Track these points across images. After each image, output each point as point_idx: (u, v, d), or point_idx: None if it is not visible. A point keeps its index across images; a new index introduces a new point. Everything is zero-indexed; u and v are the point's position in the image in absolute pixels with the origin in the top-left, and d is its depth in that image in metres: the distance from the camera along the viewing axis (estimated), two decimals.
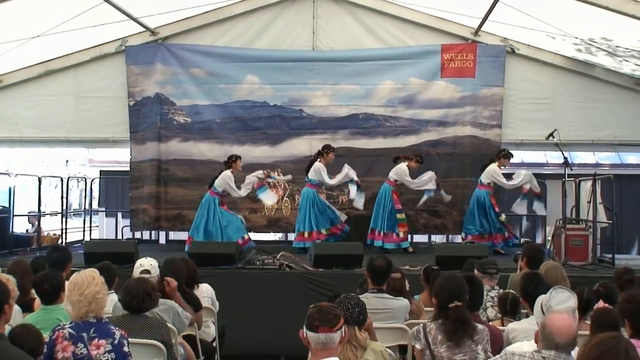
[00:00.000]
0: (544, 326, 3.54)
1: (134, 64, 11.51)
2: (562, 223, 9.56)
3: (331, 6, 11.48)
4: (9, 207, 10.64)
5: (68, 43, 10.89)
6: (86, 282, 4.01)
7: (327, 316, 3.29)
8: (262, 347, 8.11)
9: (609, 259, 9.27)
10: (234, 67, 11.51)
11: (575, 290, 4.55)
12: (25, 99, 11.72)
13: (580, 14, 8.78)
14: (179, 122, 11.62)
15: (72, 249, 8.30)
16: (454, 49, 11.35)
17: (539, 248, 7.35)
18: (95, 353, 3.89)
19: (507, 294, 5.46)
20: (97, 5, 9.33)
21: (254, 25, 11.51)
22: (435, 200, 11.10)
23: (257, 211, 11.32)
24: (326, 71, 11.45)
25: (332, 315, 3.32)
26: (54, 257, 6.13)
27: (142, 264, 5.54)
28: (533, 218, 14.87)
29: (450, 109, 11.40)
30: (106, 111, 11.69)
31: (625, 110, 11.24)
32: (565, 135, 10.02)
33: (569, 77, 11.32)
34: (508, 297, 5.40)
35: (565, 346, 3.47)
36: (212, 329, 6.35)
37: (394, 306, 5.24)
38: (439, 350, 4.16)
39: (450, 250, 9.22)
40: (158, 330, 4.61)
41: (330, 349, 3.29)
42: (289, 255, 8.86)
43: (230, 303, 7.20)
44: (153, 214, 11.48)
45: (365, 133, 11.45)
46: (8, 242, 10.10)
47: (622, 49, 9.93)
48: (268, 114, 11.58)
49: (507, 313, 5.34)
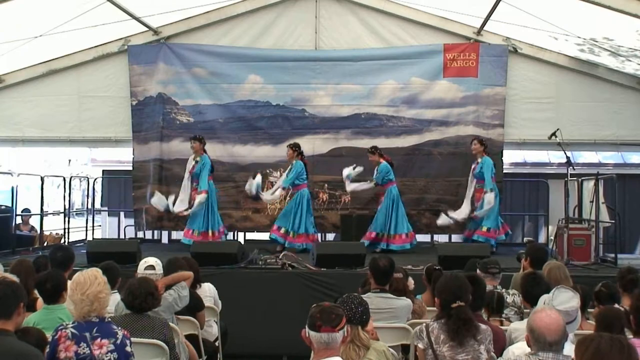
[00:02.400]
0: (532, 329, 3.54)
1: (136, 63, 11.51)
2: (564, 223, 9.54)
3: (333, 6, 11.48)
4: (11, 206, 10.65)
5: (70, 43, 10.90)
6: (88, 281, 4.01)
7: (329, 316, 3.30)
8: (264, 346, 8.11)
9: (612, 259, 9.26)
10: (237, 66, 11.51)
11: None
12: (28, 99, 11.73)
13: (583, 14, 8.76)
14: (181, 121, 11.63)
15: (74, 248, 8.31)
16: (456, 49, 11.34)
17: (542, 248, 7.35)
18: (98, 353, 3.90)
19: (493, 292, 5.46)
20: (100, 4, 9.34)
21: (257, 24, 11.51)
22: (437, 200, 11.12)
23: (260, 211, 11.31)
24: (329, 71, 11.45)
25: (334, 315, 3.32)
26: (57, 257, 6.14)
27: (147, 260, 5.62)
28: (535, 218, 14.90)
29: (452, 108, 11.39)
30: (108, 111, 11.70)
31: (628, 110, 11.22)
32: (568, 135, 10.02)
33: (572, 77, 11.30)
34: (494, 296, 5.41)
35: (558, 342, 3.48)
36: (215, 328, 6.37)
37: (397, 306, 5.24)
38: (441, 349, 4.16)
39: (452, 250, 9.19)
40: (160, 329, 4.61)
41: (333, 348, 3.29)
42: (291, 254, 8.86)
43: (232, 302, 7.20)
44: (155, 213, 11.47)
45: (368, 133, 11.44)
46: (11, 241, 10.12)
47: (625, 48, 9.92)
48: (270, 113, 11.58)
49: (494, 311, 5.35)
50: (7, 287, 3.81)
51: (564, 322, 3.58)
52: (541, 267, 5.89)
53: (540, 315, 3.58)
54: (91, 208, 12.97)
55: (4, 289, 3.77)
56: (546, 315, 3.56)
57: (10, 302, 3.72)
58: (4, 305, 3.70)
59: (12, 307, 3.72)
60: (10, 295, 3.75)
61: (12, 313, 3.72)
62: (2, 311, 3.68)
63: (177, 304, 5.32)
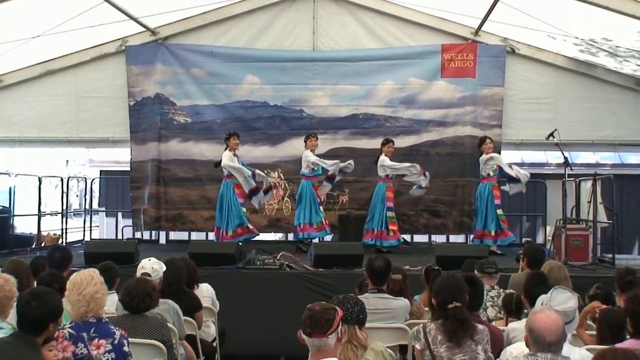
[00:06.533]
0: (531, 329, 3.55)
1: (134, 64, 11.51)
2: (562, 223, 9.56)
3: (331, 6, 11.48)
4: (9, 207, 10.64)
5: (68, 43, 10.90)
6: (85, 281, 4.01)
7: (318, 322, 3.27)
8: (262, 347, 8.12)
9: (610, 259, 9.26)
10: (234, 67, 11.50)
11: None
12: (26, 99, 11.72)
13: (581, 14, 8.77)
14: (179, 122, 11.62)
15: (72, 249, 8.29)
16: (454, 49, 11.35)
17: (540, 248, 7.34)
18: (96, 353, 3.89)
19: (512, 295, 5.46)
20: (97, 5, 9.34)
21: (254, 25, 11.51)
22: (435, 201, 11.13)
23: (257, 211, 11.31)
24: (326, 71, 11.45)
25: (324, 320, 3.29)
26: (55, 257, 6.14)
27: (144, 266, 5.51)
28: (533, 218, 14.90)
29: (450, 109, 11.39)
30: (106, 111, 11.69)
31: (626, 111, 11.23)
32: (565, 135, 10.02)
33: (570, 77, 11.31)
34: (513, 298, 5.40)
35: (557, 342, 3.49)
36: (213, 329, 6.36)
37: (395, 306, 5.24)
38: (438, 350, 4.16)
39: (450, 250, 9.21)
40: (158, 330, 4.61)
41: (326, 351, 3.29)
42: (289, 255, 8.86)
43: (230, 303, 7.21)
44: (153, 214, 11.48)
45: (366, 133, 11.44)
46: (9, 242, 10.11)
47: (622, 49, 9.93)
48: (268, 114, 11.57)
49: (512, 313, 5.34)
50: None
51: (563, 323, 3.59)
52: (539, 267, 5.89)
53: (539, 315, 3.59)
54: (89, 208, 12.97)
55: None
56: (545, 316, 3.56)
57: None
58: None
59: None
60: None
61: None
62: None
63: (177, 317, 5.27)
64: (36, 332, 3.71)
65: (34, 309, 3.73)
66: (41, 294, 3.88)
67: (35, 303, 3.75)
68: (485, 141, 10.40)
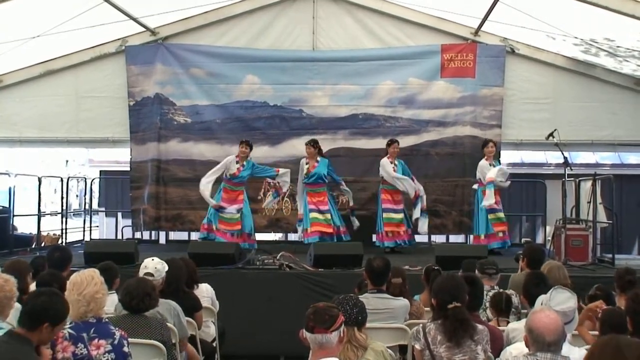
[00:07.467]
0: (531, 329, 3.55)
1: (134, 64, 11.50)
2: (562, 223, 9.55)
3: (331, 6, 11.48)
4: (9, 207, 10.64)
5: (68, 43, 10.89)
6: (85, 281, 4.02)
7: (322, 317, 3.29)
8: (262, 347, 8.11)
9: (609, 259, 9.26)
10: (234, 67, 11.49)
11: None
12: (25, 99, 11.72)
13: (581, 14, 8.78)
14: (179, 122, 11.61)
15: (72, 249, 8.29)
16: (453, 49, 11.34)
17: (540, 248, 7.34)
18: (95, 353, 3.90)
19: (501, 294, 5.47)
20: (97, 5, 9.34)
21: (254, 25, 11.51)
22: (435, 201, 11.13)
23: (257, 211, 11.29)
24: (326, 71, 11.44)
25: (328, 316, 3.31)
26: (55, 257, 6.14)
27: (147, 265, 5.50)
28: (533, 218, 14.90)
29: (450, 109, 11.38)
30: (106, 111, 11.68)
31: (626, 111, 11.23)
32: (565, 135, 10.02)
33: (569, 77, 11.31)
34: (502, 297, 5.41)
35: (557, 342, 3.49)
36: (212, 329, 6.36)
37: (394, 306, 5.24)
38: (438, 350, 4.16)
39: (450, 251, 9.21)
40: (158, 330, 4.61)
41: (328, 349, 3.29)
42: (289, 255, 8.84)
43: (230, 303, 7.21)
44: (153, 214, 11.47)
45: (365, 133, 11.44)
46: (8, 242, 10.11)
47: (622, 49, 9.93)
48: (268, 114, 11.57)
49: (502, 312, 5.35)
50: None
51: (562, 323, 3.59)
52: (538, 267, 5.90)
53: (539, 315, 3.60)
54: (89, 208, 12.97)
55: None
56: (545, 316, 3.57)
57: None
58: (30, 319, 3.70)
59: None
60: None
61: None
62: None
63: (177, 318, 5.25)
64: (30, 326, 3.66)
65: (36, 303, 3.71)
66: (51, 293, 3.85)
67: (42, 298, 3.74)
68: (487, 144, 10.39)
